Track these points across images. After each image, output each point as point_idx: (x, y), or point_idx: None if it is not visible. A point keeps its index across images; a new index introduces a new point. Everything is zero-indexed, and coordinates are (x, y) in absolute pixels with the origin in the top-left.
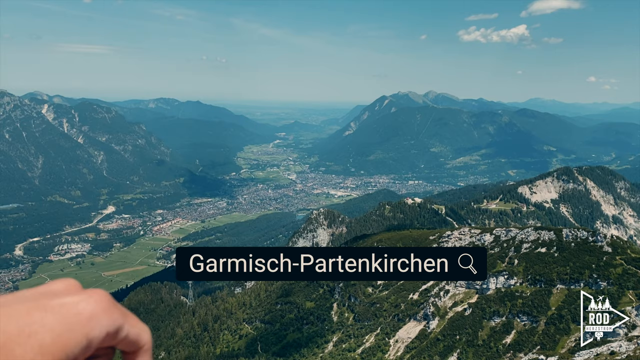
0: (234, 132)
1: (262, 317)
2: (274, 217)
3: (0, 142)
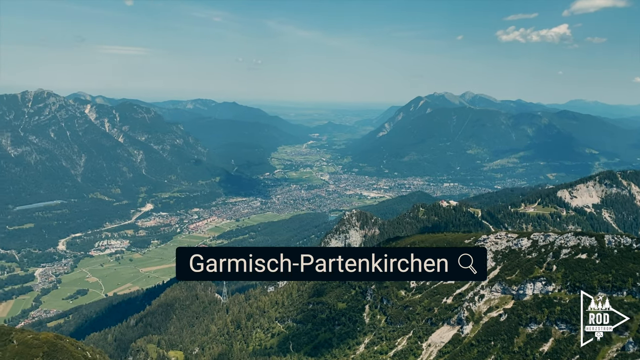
0: (268, 133)
1: (294, 317)
2: (307, 218)
3: (46, 141)
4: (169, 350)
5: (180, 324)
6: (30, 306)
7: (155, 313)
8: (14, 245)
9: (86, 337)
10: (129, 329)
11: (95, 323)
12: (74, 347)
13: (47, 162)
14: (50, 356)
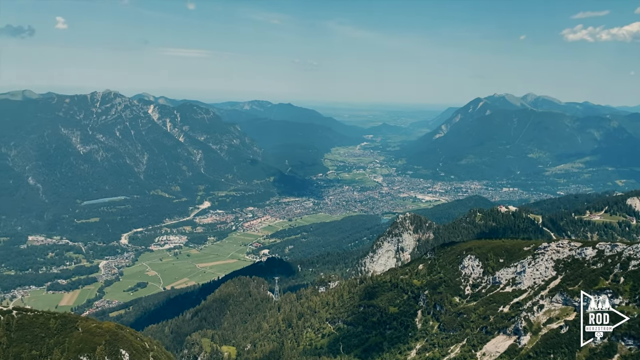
0: (322, 134)
1: (345, 318)
2: (359, 219)
3: (112, 139)
4: (222, 345)
5: (233, 320)
6: (95, 296)
7: (210, 308)
8: (81, 238)
9: (145, 328)
10: (184, 322)
11: (153, 315)
12: (134, 337)
13: (112, 159)
14: (111, 345)
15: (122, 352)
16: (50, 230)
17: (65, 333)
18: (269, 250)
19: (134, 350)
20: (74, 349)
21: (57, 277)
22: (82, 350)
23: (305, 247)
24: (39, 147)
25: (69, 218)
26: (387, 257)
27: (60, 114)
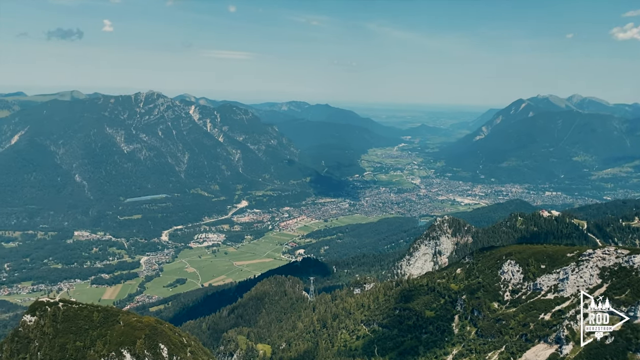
0: (359, 135)
1: (380, 321)
2: (395, 222)
3: (155, 139)
4: (257, 343)
5: (268, 318)
6: (136, 291)
7: (246, 306)
8: (123, 234)
9: (183, 323)
10: (221, 319)
11: (191, 311)
12: (172, 332)
13: (154, 158)
14: (151, 339)
15: (161, 346)
16: (94, 226)
17: (107, 326)
18: (304, 250)
19: (172, 345)
20: (115, 341)
21: (100, 272)
22: (123, 343)
23: (341, 248)
24: (86, 145)
25: (113, 215)
26: (424, 260)
27: (106, 113)
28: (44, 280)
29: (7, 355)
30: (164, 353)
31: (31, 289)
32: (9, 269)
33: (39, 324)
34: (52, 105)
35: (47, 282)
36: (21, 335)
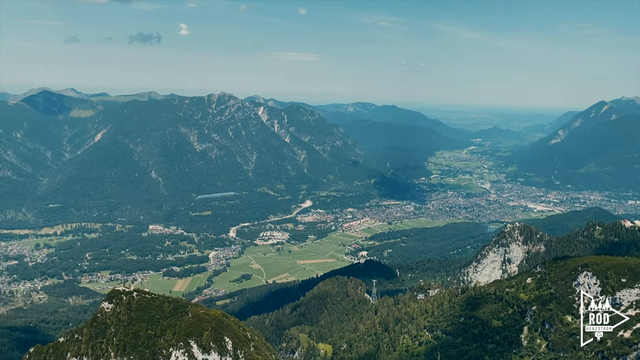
0: (426, 137)
1: (444, 328)
2: (463, 227)
3: (225, 139)
4: (318, 342)
5: (330, 318)
6: (204, 284)
7: (309, 305)
8: (194, 229)
9: (247, 318)
10: (284, 316)
11: (255, 306)
12: (237, 327)
13: (225, 157)
14: (217, 331)
15: (226, 339)
16: (168, 221)
17: (177, 317)
18: (367, 252)
19: (237, 339)
20: (184, 332)
21: (172, 264)
22: (190, 334)
23: (405, 252)
24: (161, 144)
25: (185, 210)
26: (492, 268)
27: (181, 114)
28: (120, 270)
29: (86, 339)
30: (229, 346)
31: (109, 277)
32: (90, 258)
33: (115, 311)
34: (131, 105)
35: (123, 272)
36: (99, 321)
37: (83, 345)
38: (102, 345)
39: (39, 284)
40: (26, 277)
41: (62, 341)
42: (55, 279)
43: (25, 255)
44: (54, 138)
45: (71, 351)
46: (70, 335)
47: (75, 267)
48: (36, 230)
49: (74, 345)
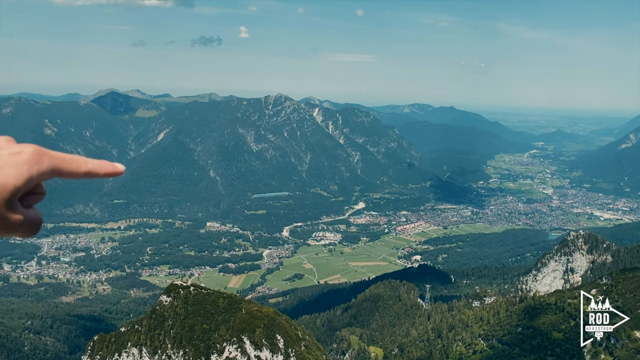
0: (486, 139)
1: (500, 337)
2: (523, 233)
3: (280, 140)
4: (369, 345)
5: (382, 322)
6: (257, 282)
7: (360, 307)
8: (249, 227)
9: (299, 317)
10: (335, 317)
11: (307, 306)
12: (289, 325)
13: (279, 157)
14: (269, 329)
15: (277, 337)
16: (224, 219)
17: (231, 312)
18: (421, 256)
19: (288, 338)
20: (237, 328)
21: (227, 261)
22: (244, 330)
23: (460, 258)
24: (220, 144)
25: (240, 209)
26: (553, 277)
27: (238, 115)
28: (178, 265)
29: (145, 330)
30: (280, 344)
31: (168, 272)
32: (150, 253)
33: (172, 305)
34: (192, 106)
35: (181, 266)
36: (158, 313)
37: (142, 335)
38: (160, 336)
39: (103, 276)
40: (92, 269)
41: (123, 331)
42: (118, 271)
43: (92, 248)
44: (120, 137)
45: (131, 341)
46: (130, 325)
47: (137, 260)
48: (102, 224)
49: (134, 336)
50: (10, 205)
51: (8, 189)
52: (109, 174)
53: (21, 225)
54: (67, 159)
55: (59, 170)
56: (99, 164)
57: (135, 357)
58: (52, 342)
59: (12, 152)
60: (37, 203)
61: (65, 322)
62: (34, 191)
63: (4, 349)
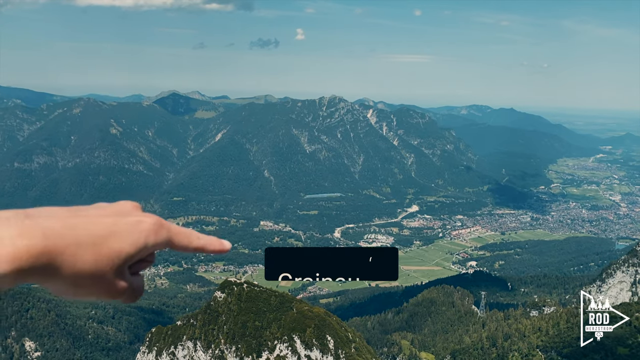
0: (547, 143)
1: (560, 349)
2: (586, 242)
3: (334, 141)
4: (421, 350)
5: (434, 328)
6: (309, 282)
7: (412, 311)
8: (301, 227)
9: (349, 319)
10: (386, 320)
11: (357, 308)
12: (339, 326)
13: (332, 159)
14: (319, 329)
15: (327, 338)
16: (277, 218)
17: (282, 311)
18: (476, 262)
19: (339, 339)
20: (288, 326)
21: None
22: (294, 330)
23: (518, 265)
24: (274, 145)
25: (293, 209)
26: (620, 289)
27: (293, 116)
28: (233, 262)
29: (200, 324)
30: (330, 345)
31: (222, 268)
32: None
33: (226, 301)
34: (249, 107)
35: (236, 264)
36: (212, 308)
37: (197, 330)
38: (214, 331)
39: (162, 270)
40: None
41: (179, 324)
42: (175, 267)
43: None
44: (180, 137)
45: (187, 334)
46: (186, 320)
47: (194, 256)
48: None
49: (189, 330)
50: (119, 272)
51: (121, 256)
52: (215, 251)
53: (124, 293)
54: (182, 233)
55: (173, 243)
56: (208, 240)
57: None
58: (113, 331)
59: (134, 221)
60: (144, 269)
61: (126, 313)
62: (144, 259)
63: (69, 336)
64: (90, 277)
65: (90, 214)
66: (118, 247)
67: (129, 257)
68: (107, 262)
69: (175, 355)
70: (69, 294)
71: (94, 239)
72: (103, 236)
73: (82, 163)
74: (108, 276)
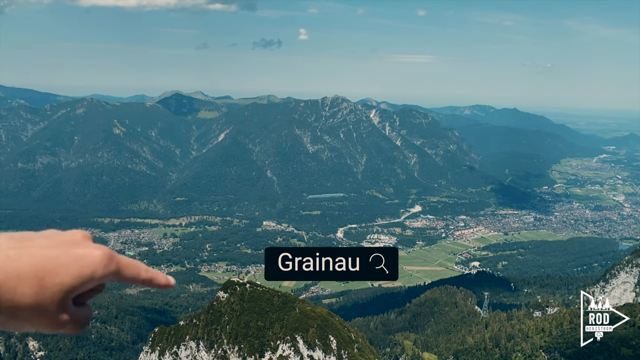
0: (551, 143)
1: (563, 350)
2: (590, 242)
3: (336, 141)
4: (423, 351)
5: (437, 328)
6: (311, 282)
7: (415, 312)
8: (304, 227)
9: (352, 319)
10: (389, 321)
11: (360, 308)
12: (342, 327)
13: (335, 159)
14: (322, 329)
15: (330, 338)
16: (280, 218)
17: (285, 311)
18: (479, 263)
19: (341, 339)
20: (291, 327)
21: None
22: (297, 330)
23: (521, 265)
24: (277, 145)
25: (296, 209)
26: (623, 289)
27: (296, 116)
28: (235, 262)
29: (202, 325)
30: (333, 345)
31: (225, 268)
32: (209, 249)
33: (229, 301)
34: (252, 107)
35: (238, 264)
36: (215, 308)
37: (200, 330)
38: (217, 331)
39: (164, 270)
40: (154, 263)
41: (182, 324)
42: (178, 266)
43: (155, 243)
44: (183, 137)
45: (190, 334)
46: (189, 319)
47: (196, 256)
48: (164, 220)
49: (192, 329)
50: (61, 305)
51: (64, 290)
52: (161, 286)
53: (67, 324)
54: (131, 266)
55: (121, 276)
56: (155, 275)
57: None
58: (116, 331)
59: (81, 254)
60: (92, 299)
61: (129, 312)
62: (93, 288)
63: (73, 336)
64: (30, 310)
65: (36, 244)
66: (60, 280)
67: (72, 290)
68: (49, 296)
69: (178, 355)
70: (7, 327)
71: (36, 272)
72: (46, 269)
73: (85, 163)
74: (50, 309)
